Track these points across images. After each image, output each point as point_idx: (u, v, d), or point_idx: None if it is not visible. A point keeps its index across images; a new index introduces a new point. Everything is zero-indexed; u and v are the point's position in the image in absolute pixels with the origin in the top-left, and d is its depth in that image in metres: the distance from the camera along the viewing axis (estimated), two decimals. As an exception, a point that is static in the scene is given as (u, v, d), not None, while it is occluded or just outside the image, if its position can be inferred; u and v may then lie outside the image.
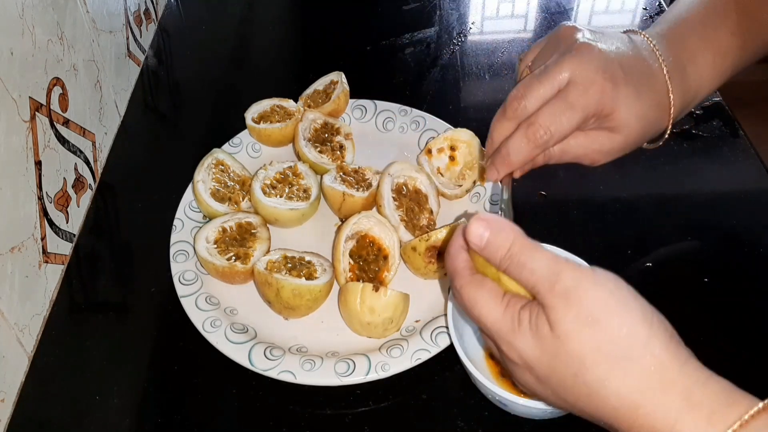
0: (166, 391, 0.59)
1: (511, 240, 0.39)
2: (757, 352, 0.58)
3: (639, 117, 0.50)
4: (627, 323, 0.35)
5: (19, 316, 0.59)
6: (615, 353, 0.35)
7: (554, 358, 0.37)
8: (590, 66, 0.49)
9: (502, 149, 0.51)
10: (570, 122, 0.48)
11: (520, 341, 0.38)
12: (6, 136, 0.57)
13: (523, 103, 0.49)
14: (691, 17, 0.55)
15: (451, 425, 0.55)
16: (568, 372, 0.36)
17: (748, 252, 0.66)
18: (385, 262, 0.63)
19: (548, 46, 0.52)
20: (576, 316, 0.36)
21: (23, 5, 0.61)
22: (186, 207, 0.70)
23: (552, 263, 0.37)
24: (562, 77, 0.49)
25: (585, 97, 0.48)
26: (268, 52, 0.99)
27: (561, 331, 0.36)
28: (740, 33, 0.55)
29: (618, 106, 0.49)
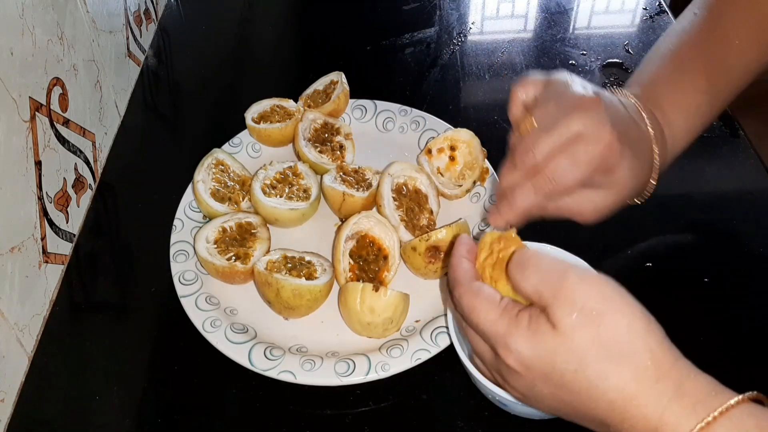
0: (166, 391, 0.59)
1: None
2: (757, 352, 0.58)
3: (634, 175, 0.52)
4: (627, 318, 0.37)
5: (19, 316, 0.59)
6: (616, 347, 0.37)
7: (554, 354, 0.38)
8: (599, 123, 0.50)
9: (509, 196, 0.52)
10: (576, 176, 0.50)
11: (517, 342, 0.39)
12: (6, 136, 0.57)
13: (531, 155, 0.50)
14: (660, 78, 0.58)
15: (451, 425, 0.55)
16: (568, 368, 0.38)
17: (748, 252, 0.66)
18: (385, 262, 0.63)
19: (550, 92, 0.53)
20: (580, 311, 0.37)
21: (23, 5, 0.61)
22: (186, 207, 0.70)
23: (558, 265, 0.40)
24: (571, 131, 0.50)
25: (592, 154, 0.49)
26: (268, 52, 0.99)
27: (564, 327, 0.38)
28: (709, 90, 0.57)
29: (621, 165, 0.50)
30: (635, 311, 0.38)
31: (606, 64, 0.90)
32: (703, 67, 0.57)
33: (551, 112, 0.51)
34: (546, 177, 0.50)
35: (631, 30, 0.97)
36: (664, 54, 0.59)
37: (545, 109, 0.52)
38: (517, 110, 0.55)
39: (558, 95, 0.52)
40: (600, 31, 0.97)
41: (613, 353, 0.37)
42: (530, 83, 0.54)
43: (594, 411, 0.38)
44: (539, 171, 0.50)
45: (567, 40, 0.95)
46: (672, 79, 0.58)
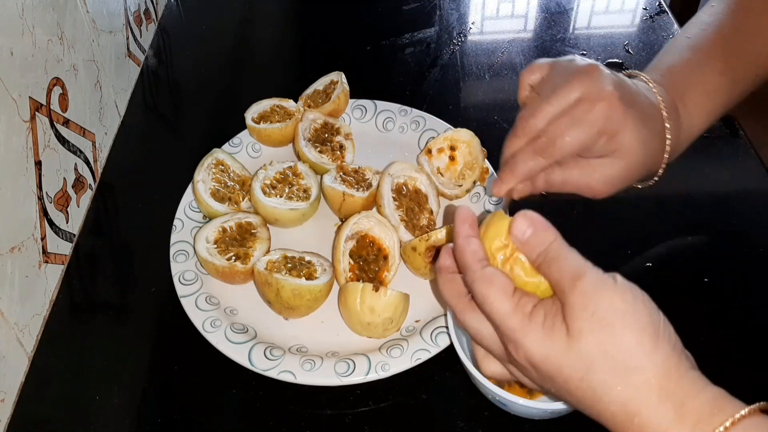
0: (166, 391, 0.59)
1: (551, 239, 0.40)
2: (757, 352, 0.58)
3: (642, 143, 0.51)
4: (636, 333, 0.36)
5: (19, 316, 0.59)
6: (622, 361, 0.36)
7: (564, 357, 0.37)
8: (599, 84, 0.49)
9: (509, 161, 0.51)
10: (576, 136, 0.49)
11: (529, 339, 0.39)
12: (6, 136, 0.57)
13: (532, 121, 0.50)
14: (678, 62, 0.57)
15: (451, 425, 0.55)
16: (575, 374, 0.37)
17: (748, 252, 0.66)
18: (385, 262, 0.63)
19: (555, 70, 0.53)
20: (591, 316, 0.37)
21: (23, 5, 0.61)
22: (186, 207, 0.70)
23: (579, 264, 0.39)
24: (571, 95, 0.49)
25: (592, 113, 0.48)
26: (268, 52, 0.99)
27: (575, 329, 0.37)
28: (728, 72, 0.56)
29: (625, 126, 0.49)
30: (645, 327, 0.37)
31: (606, 64, 0.89)
32: (722, 52, 0.56)
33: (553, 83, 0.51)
34: (547, 139, 0.49)
35: (631, 30, 0.97)
36: (682, 42, 0.58)
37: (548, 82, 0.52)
38: (524, 92, 0.55)
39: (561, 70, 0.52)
40: (600, 31, 0.97)
41: (619, 366, 0.36)
42: (536, 67, 0.54)
43: (598, 417, 0.38)
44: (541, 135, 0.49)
45: (567, 40, 0.95)
46: (690, 63, 0.56)
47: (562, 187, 0.53)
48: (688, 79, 0.56)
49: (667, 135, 0.53)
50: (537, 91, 0.54)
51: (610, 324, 0.36)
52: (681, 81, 0.56)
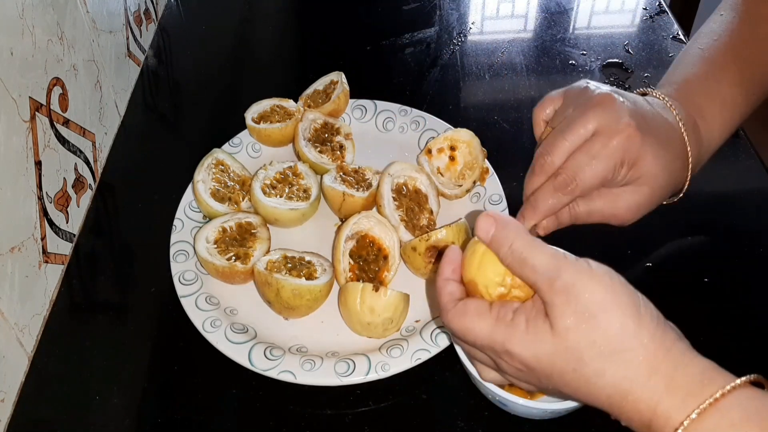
0: (166, 391, 0.59)
1: (513, 237, 0.40)
2: (757, 352, 0.58)
3: (664, 167, 0.51)
4: (619, 318, 0.37)
5: (19, 316, 0.59)
6: (609, 347, 0.37)
7: (553, 354, 0.38)
8: (615, 115, 0.49)
9: (530, 199, 0.51)
10: (595, 171, 0.49)
11: (517, 346, 0.39)
12: (6, 136, 0.57)
13: (550, 159, 0.50)
14: (693, 75, 0.57)
15: (451, 425, 0.55)
16: (567, 367, 0.38)
17: (748, 252, 0.66)
18: (385, 262, 0.63)
19: (568, 101, 0.53)
20: (574, 312, 0.37)
21: (23, 5, 0.61)
22: (186, 207, 0.70)
23: (552, 260, 0.39)
24: (587, 129, 0.49)
25: (610, 146, 0.49)
26: (268, 52, 0.99)
27: (560, 328, 0.38)
28: (742, 82, 0.56)
29: (644, 154, 0.49)
30: (626, 309, 0.37)
31: (606, 64, 0.90)
32: (735, 62, 0.56)
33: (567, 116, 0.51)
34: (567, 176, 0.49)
35: (631, 30, 0.97)
36: (695, 54, 0.59)
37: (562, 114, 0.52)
38: (539, 128, 0.55)
39: (574, 99, 0.52)
40: (600, 31, 0.97)
41: (606, 352, 0.37)
42: (548, 100, 0.54)
43: (594, 403, 0.39)
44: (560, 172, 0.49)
45: (567, 40, 0.95)
46: (704, 75, 0.57)
47: (588, 219, 0.53)
48: (705, 93, 0.56)
49: (688, 152, 0.53)
50: (552, 125, 0.54)
51: (593, 315, 0.37)
52: (697, 95, 0.56)
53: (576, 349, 0.38)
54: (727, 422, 0.35)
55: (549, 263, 0.39)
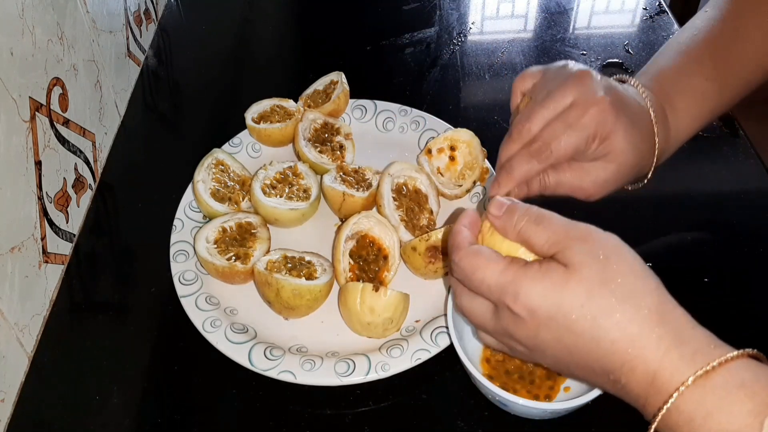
0: (166, 391, 0.59)
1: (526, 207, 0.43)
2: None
3: (633, 146, 0.52)
4: (633, 266, 0.39)
5: (19, 316, 0.59)
6: (621, 289, 0.38)
7: (563, 288, 0.39)
8: (591, 89, 0.51)
9: (505, 165, 0.53)
10: (569, 140, 0.50)
11: (526, 284, 0.40)
12: (6, 136, 0.57)
13: (527, 126, 0.51)
14: (668, 68, 0.58)
15: (451, 425, 0.55)
16: (576, 301, 0.38)
17: (748, 252, 0.66)
18: (385, 262, 0.63)
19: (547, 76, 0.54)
20: (589, 250, 0.39)
21: (23, 5, 0.61)
22: (186, 207, 0.70)
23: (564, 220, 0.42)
24: (564, 100, 0.51)
25: (585, 117, 0.50)
26: (268, 52, 0.99)
27: (574, 263, 0.39)
28: (716, 78, 0.57)
29: (616, 130, 0.51)
30: (638, 260, 0.40)
31: (606, 64, 0.90)
32: (711, 57, 0.57)
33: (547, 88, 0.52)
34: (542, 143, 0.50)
35: (631, 30, 0.97)
36: (673, 48, 0.60)
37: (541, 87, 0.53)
38: (517, 99, 0.56)
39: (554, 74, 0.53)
40: (600, 31, 0.97)
41: (618, 292, 0.38)
42: (528, 74, 0.56)
43: (596, 353, 0.39)
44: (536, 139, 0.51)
45: (567, 40, 0.95)
46: (679, 67, 0.58)
47: (556, 190, 0.55)
48: (677, 84, 0.57)
49: (656, 138, 0.55)
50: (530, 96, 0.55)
51: (606, 256, 0.39)
52: (669, 86, 0.57)
53: (588, 282, 0.38)
54: (736, 381, 0.35)
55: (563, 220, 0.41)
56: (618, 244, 0.40)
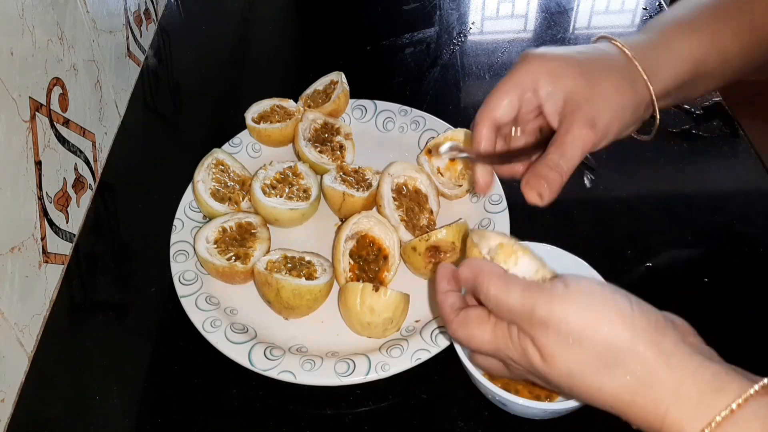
0: (166, 391, 0.59)
1: (487, 283, 0.41)
2: (757, 352, 0.58)
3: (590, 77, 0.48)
4: (607, 333, 0.36)
5: (19, 316, 0.59)
6: (601, 363, 0.37)
7: (547, 373, 0.39)
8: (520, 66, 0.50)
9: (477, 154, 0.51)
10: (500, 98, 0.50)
11: (516, 357, 0.41)
12: (6, 136, 0.57)
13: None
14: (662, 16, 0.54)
15: (451, 425, 0.55)
16: (563, 383, 0.39)
17: (748, 252, 0.66)
18: (385, 262, 0.63)
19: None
20: (556, 339, 0.37)
21: (23, 5, 0.61)
22: (186, 207, 0.70)
23: (524, 297, 0.39)
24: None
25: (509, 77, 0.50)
26: (268, 52, 0.99)
27: (547, 354, 0.38)
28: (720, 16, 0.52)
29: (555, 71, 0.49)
30: (614, 323, 0.36)
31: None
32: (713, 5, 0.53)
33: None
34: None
35: (631, 30, 0.97)
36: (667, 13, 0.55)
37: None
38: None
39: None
40: (600, 31, 0.97)
41: (601, 366, 0.37)
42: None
43: (601, 407, 0.39)
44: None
45: (567, 40, 0.95)
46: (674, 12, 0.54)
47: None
48: (670, 21, 0.53)
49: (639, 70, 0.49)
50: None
51: (577, 340, 0.37)
52: (661, 23, 0.53)
53: (566, 372, 0.38)
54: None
55: (522, 301, 0.39)
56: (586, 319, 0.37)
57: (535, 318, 0.38)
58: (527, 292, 0.39)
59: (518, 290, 0.39)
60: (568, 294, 0.38)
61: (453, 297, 0.45)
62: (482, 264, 0.42)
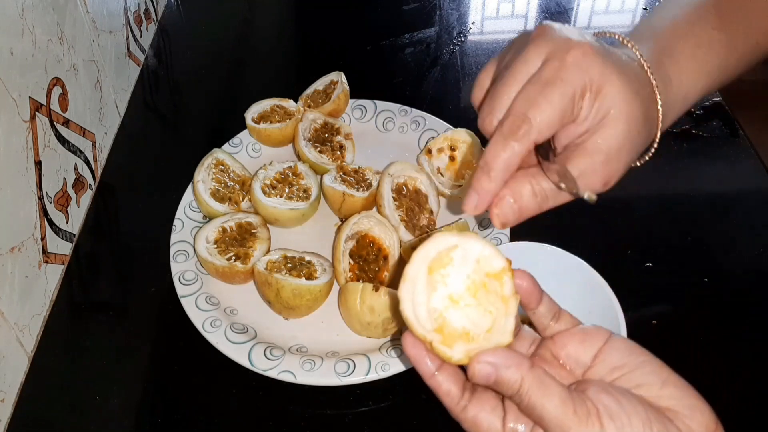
0: (166, 391, 0.59)
1: (519, 378, 0.35)
2: (757, 352, 0.58)
3: (636, 92, 0.40)
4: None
5: (19, 316, 0.59)
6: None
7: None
8: (562, 38, 0.39)
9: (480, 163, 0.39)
10: (551, 100, 0.38)
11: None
12: (6, 136, 0.57)
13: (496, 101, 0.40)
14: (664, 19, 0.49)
15: (451, 425, 0.55)
16: None
17: (748, 252, 0.66)
18: (385, 262, 0.63)
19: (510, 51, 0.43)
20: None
21: (23, 5, 0.61)
22: (186, 207, 0.70)
23: (561, 413, 0.34)
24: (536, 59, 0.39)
25: (565, 66, 0.38)
26: (268, 52, 0.99)
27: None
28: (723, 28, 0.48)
29: (608, 74, 0.39)
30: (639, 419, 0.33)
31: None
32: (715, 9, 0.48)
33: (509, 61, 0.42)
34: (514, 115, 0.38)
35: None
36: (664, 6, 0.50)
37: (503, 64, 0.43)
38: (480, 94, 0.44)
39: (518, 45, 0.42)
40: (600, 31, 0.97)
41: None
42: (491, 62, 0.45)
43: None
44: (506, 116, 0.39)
45: (567, 40, 0.95)
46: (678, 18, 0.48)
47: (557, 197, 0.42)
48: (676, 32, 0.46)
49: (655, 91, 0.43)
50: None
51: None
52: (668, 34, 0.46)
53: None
54: None
55: (558, 418, 0.34)
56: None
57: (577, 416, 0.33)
58: (564, 406, 0.34)
59: (556, 398, 0.34)
60: (602, 411, 0.34)
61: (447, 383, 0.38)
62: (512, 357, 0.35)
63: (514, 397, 0.35)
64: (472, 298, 0.36)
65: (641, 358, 0.36)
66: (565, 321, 0.39)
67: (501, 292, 0.36)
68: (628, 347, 0.36)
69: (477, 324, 0.36)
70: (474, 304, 0.36)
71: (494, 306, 0.36)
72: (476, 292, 0.36)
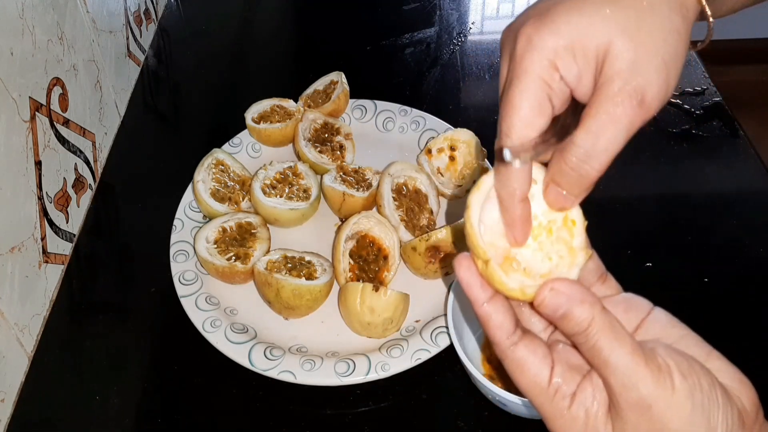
0: (166, 391, 0.59)
1: (590, 317, 0.32)
2: (757, 352, 0.58)
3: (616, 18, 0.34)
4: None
5: (19, 316, 0.59)
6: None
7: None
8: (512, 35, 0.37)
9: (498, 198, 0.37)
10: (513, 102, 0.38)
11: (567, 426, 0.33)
12: (6, 136, 0.57)
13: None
14: None
15: (451, 425, 0.55)
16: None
17: (747, 252, 0.66)
18: (385, 262, 0.63)
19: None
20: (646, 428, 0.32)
21: (23, 5, 0.61)
22: (186, 207, 0.70)
23: (632, 364, 0.32)
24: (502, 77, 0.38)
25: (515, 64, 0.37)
26: (268, 52, 0.99)
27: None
28: None
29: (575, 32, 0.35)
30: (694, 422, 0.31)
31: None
32: None
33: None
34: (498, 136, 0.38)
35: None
36: None
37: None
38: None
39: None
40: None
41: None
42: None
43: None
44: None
45: (567, 40, 0.95)
46: None
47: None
48: None
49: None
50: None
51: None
52: None
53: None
54: None
55: (628, 367, 0.32)
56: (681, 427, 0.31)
57: (636, 396, 0.32)
58: (635, 358, 0.32)
59: (627, 348, 0.32)
60: (673, 391, 0.32)
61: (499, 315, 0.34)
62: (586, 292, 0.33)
63: (579, 336, 0.32)
64: (534, 241, 0.34)
65: (683, 332, 0.35)
66: (610, 286, 0.38)
67: (570, 243, 0.34)
68: (670, 320, 0.35)
69: (533, 266, 0.33)
70: (534, 248, 0.34)
71: (557, 254, 0.34)
72: (539, 235, 0.34)
